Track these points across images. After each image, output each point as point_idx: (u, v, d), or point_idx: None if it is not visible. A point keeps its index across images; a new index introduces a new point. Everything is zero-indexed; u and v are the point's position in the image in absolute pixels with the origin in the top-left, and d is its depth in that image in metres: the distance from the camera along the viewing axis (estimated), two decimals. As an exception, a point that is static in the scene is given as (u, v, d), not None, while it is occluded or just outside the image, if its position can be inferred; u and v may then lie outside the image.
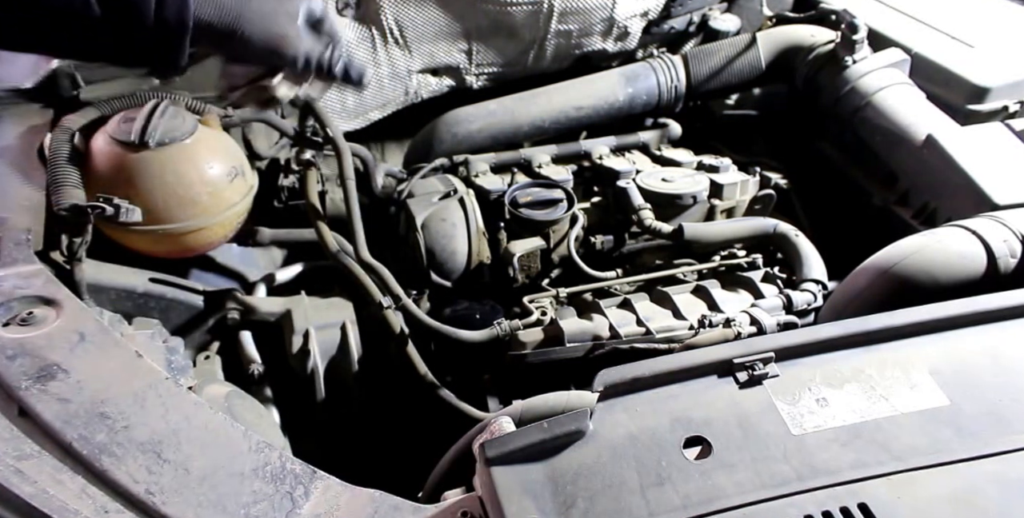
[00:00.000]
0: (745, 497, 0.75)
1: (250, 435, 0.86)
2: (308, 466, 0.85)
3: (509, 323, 1.37)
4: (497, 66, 1.98)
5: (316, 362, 1.36)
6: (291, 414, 1.36)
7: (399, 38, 1.81)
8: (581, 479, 0.77)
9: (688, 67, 1.87)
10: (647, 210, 1.55)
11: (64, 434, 0.82)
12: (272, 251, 1.73)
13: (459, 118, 1.83)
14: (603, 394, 0.84)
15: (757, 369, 0.86)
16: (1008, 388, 0.84)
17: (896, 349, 0.89)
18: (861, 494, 0.74)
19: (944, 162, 1.42)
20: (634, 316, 1.41)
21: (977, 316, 0.92)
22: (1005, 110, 1.62)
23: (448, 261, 1.55)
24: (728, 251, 1.61)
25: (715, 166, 1.67)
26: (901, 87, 1.62)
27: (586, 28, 1.94)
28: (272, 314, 1.44)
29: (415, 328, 1.37)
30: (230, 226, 1.41)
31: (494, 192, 1.64)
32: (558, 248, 1.57)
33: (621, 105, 1.87)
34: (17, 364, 0.89)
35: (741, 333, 1.27)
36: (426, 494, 0.98)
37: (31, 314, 0.96)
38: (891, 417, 0.82)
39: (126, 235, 1.31)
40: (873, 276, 1.18)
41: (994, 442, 0.79)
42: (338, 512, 0.80)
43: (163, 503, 0.78)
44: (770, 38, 1.83)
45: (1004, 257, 1.14)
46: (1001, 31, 1.77)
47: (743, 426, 0.81)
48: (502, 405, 1.38)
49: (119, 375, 0.90)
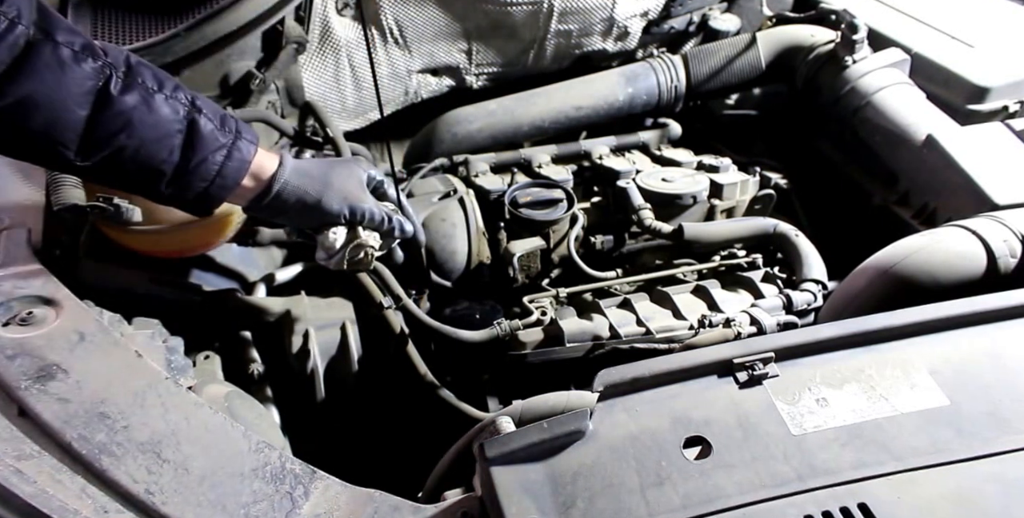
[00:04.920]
0: (745, 497, 0.75)
1: (250, 435, 0.86)
2: (308, 466, 0.85)
3: (509, 323, 1.37)
4: (497, 66, 1.98)
5: (316, 362, 1.36)
6: (291, 414, 1.36)
7: (399, 38, 1.82)
8: (581, 479, 0.77)
9: (688, 67, 1.87)
10: (647, 210, 1.55)
11: (64, 434, 0.82)
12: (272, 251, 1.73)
13: (459, 118, 1.83)
14: (603, 394, 0.84)
15: (757, 369, 0.86)
16: (1008, 388, 0.84)
17: (896, 349, 0.89)
18: (861, 494, 0.74)
19: (944, 162, 1.42)
20: (634, 316, 1.41)
21: (977, 316, 0.91)
22: (1005, 110, 1.62)
23: (448, 261, 1.55)
24: (728, 251, 1.61)
25: (715, 166, 1.67)
26: (901, 87, 1.62)
27: (586, 28, 1.94)
28: (272, 314, 1.44)
29: (415, 328, 1.37)
30: (230, 226, 1.41)
31: (494, 192, 1.64)
32: (558, 248, 1.57)
33: (621, 105, 1.87)
34: (17, 364, 0.89)
35: (741, 333, 1.27)
36: (426, 494, 0.98)
37: (31, 314, 0.96)
38: (891, 417, 0.82)
39: (126, 235, 1.31)
40: (873, 276, 1.18)
41: (994, 442, 0.79)
42: (338, 512, 0.80)
43: (163, 503, 0.78)
44: (770, 38, 1.83)
45: (1004, 257, 1.14)
46: (1001, 31, 1.77)
47: (743, 426, 0.81)
48: (502, 405, 1.38)
49: (119, 375, 0.90)
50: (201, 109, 0.94)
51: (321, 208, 1.05)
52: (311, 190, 1.04)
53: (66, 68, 0.83)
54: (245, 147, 0.98)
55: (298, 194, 1.03)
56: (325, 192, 1.05)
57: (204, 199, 0.98)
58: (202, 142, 0.93)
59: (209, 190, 0.97)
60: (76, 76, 0.84)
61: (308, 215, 1.06)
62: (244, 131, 0.99)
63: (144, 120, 0.89)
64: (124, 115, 0.87)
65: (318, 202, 1.04)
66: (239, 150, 0.97)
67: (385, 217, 1.11)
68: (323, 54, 1.75)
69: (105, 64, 0.87)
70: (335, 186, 1.06)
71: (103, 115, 0.86)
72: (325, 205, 1.05)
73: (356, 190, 1.08)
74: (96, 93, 0.85)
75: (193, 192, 0.97)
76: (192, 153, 0.93)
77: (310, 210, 1.05)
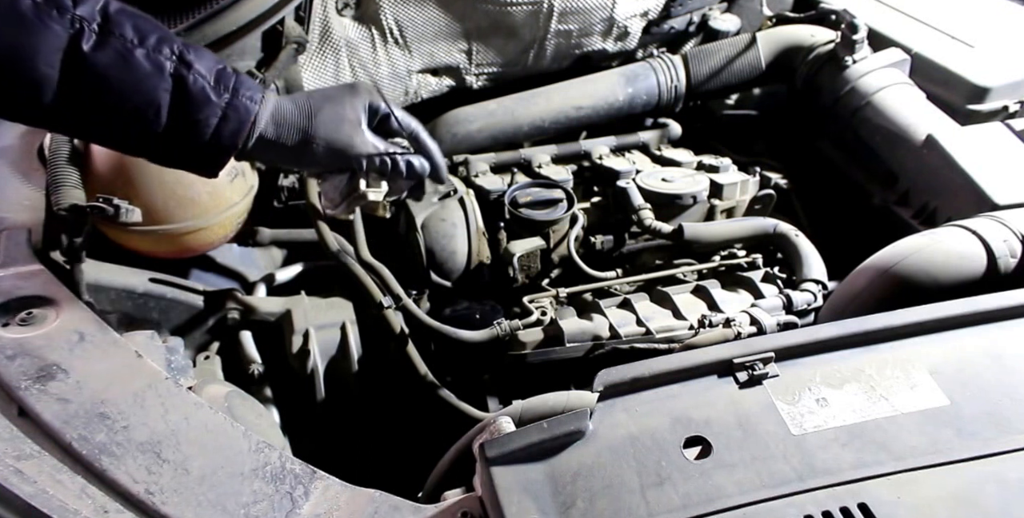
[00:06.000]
0: (745, 497, 0.75)
1: (250, 435, 0.86)
2: (308, 466, 0.85)
3: (509, 323, 1.37)
4: (497, 66, 1.98)
5: (316, 362, 1.36)
6: (291, 414, 1.36)
7: (399, 38, 1.81)
8: (581, 479, 0.77)
9: (688, 67, 1.87)
10: (647, 210, 1.55)
11: (64, 434, 0.82)
12: (272, 251, 1.73)
13: (459, 118, 1.83)
14: (603, 394, 0.84)
15: (757, 369, 0.86)
16: (1008, 388, 0.84)
17: (896, 349, 0.89)
18: (861, 494, 0.74)
19: (944, 162, 1.42)
20: (634, 316, 1.41)
21: (977, 316, 0.91)
22: (1005, 110, 1.61)
23: (448, 261, 1.55)
24: (728, 251, 1.61)
25: (715, 166, 1.67)
26: (901, 87, 1.62)
27: (586, 28, 1.94)
28: (272, 314, 1.44)
29: (415, 328, 1.37)
30: (230, 226, 1.41)
31: (494, 192, 1.64)
32: (558, 248, 1.57)
33: (621, 105, 1.87)
34: (17, 364, 0.89)
35: (741, 333, 1.27)
36: (426, 494, 0.98)
37: (31, 314, 0.96)
38: (891, 417, 0.82)
39: (126, 235, 1.31)
40: (873, 276, 1.18)
41: (994, 442, 0.79)
42: (338, 512, 0.80)
43: (162, 503, 0.78)
44: (770, 38, 1.83)
45: (1004, 257, 1.14)
46: (1001, 31, 1.77)
47: (743, 426, 0.81)
48: (502, 405, 1.38)
49: (119, 375, 0.90)
50: (191, 64, 0.85)
51: (304, 160, 0.94)
52: (289, 141, 0.92)
53: (27, 23, 0.74)
54: (244, 106, 0.88)
55: (276, 148, 0.92)
56: (309, 141, 0.92)
57: (204, 162, 0.91)
58: (192, 102, 0.84)
59: (206, 151, 0.89)
60: (39, 32, 0.75)
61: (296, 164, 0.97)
62: (244, 87, 0.89)
63: (124, 79, 0.80)
64: (99, 74, 0.79)
65: (300, 154, 0.93)
66: (236, 110, 0.88)
67: (388, 160, 0.97)
68: (323, 54, 1.75)
69: (75, 18, 0.78)
70: (320, 132, 0.92)
71: (75, 75, 0.78)
72: (308, 157, 0.93)
73: (346, 133, 0.94)
74: (64, 51, 0.77)
75: (190, 154, 0.89)
76: (182, 114, 0.84)
77: (295, 160, 0.95)
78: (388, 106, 0.98)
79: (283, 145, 0.92)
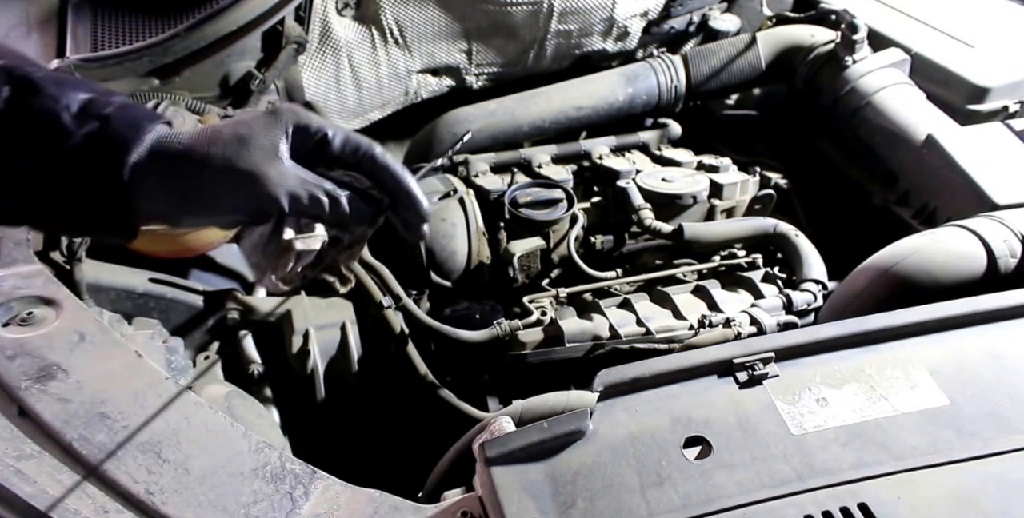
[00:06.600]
0: (745, 497, 0.75)
1: (250, 435, 0.86)
2: (308, 466, 0.85)
3: (509, 323, 1.37)
4: (497, 66, 1.98)
5: (316, 362, 1.36)
6: (291, 414, 1.36)
7: (399, 38, 1.82)
8: (581, 479, 0.77)
9: (688, 67, 1.87)
10: (647, 210, 1.55)
11: (64, 434, 0.82)
12: (272, 251, 1.73)
13: (459, 118, 1.83)
14: (603, 394, 0.84)
15: (757, 369, 0.86)
16: (1008, 388, 0.84)
17: (896, 349, 0.89)
18: (861, 494, 0.74)
19: (944, 162, 1.42)
20: (634, 316, 1.41)
21: (977, 316, 0.91)
22: (1005, 110, 1.62)
23: (448, 261, 1.55)
24: (728, 251, 1.61)
25: (715, 166, 1.67)
26: (901, 87, 1.62)
27: (586, 28, 1.94)
28: (272, 314, 1.44)
29: (415, 328, 1.37)
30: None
31: (494, 192, 1.64)
32: (558, 248, 1.57)
33: (621, 105, 1.87)
34: (17, 364, 0.89)
35: (741, 333, 1.28)
36: (426, 494, 0.98)
37: (31, 314, 0.96)
38: (891, 417, 0.82)
39: (126, 235, 1.31)
40: (873, 276, 1.18)
41: (994, 442, 0.79)
42: (338, 512, 0.80)
43: (162, 503, 0.78)
44: (770, 38, 1.83)
45: (1004, 257, 1.14)
46: (1001, 31, 1.77)
47: (743, 426, 0.81)
48: (502, 405, 1.38)
49: (119, 375, 0.90)
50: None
51: (201, 202, 0.67)
52: (176, 176, 0.66)
53: None
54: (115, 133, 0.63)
55: (160, 188, 0.66)
56: (199, 174, 0.66)
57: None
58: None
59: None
60: None
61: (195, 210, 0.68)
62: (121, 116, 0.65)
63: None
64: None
65: (195, 194, 0.66)
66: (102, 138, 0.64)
67: (322, 196, 0.68)
68: (323, 54, 1.75)
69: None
70: (216, 162, 0.65)
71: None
72: (207, 198, 0.67)
73: (253, 161, 0.66)
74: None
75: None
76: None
77: (192, 204, 0.67)
78: (322, 123, 0.70)
79: (169, 182, 0.66)
